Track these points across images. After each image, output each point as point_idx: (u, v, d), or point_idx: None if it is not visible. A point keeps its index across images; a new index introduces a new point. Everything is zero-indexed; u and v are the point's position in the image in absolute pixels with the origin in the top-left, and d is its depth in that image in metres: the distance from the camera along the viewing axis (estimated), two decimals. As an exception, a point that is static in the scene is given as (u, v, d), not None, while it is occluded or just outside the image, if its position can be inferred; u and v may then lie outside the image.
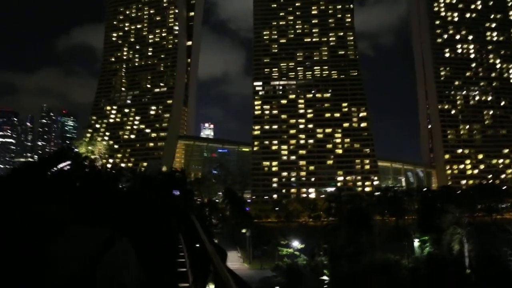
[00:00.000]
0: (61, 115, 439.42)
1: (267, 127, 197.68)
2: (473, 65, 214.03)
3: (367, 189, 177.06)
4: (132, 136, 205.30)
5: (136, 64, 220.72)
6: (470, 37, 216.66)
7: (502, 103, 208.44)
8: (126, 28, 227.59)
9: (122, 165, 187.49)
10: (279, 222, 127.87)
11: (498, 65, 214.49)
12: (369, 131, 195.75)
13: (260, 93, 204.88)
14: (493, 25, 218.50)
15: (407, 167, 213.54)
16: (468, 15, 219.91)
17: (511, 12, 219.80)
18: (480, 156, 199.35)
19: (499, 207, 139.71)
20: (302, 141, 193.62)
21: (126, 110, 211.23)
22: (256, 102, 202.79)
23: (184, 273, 7.56)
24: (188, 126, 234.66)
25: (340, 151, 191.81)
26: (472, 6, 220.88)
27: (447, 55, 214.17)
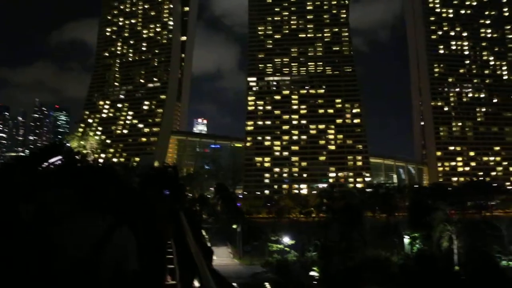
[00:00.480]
0: (54, 110, 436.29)
1: (260, 122, 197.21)
2: (467, 62, 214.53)
3: (359, 185, 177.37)
4: (125, 131, 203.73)
5: (130, 59, 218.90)
6: (464, 33, 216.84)
7: (495, 100, 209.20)
8: (121, 23, 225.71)
9: (114, 160, 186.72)
10: (270, 218, 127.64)
11: (492, 62, 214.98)
12: (362, 128, 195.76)
13: (254, 88, 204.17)
14: (488, 22, 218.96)
15: (399, 164, 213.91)
16: (463, 11, 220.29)
17: (505, 9, 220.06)
18: (471, 153, 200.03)
19: (489, 204, 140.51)
20: (295, 137, 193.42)
21: (119, 105, 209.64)
22: (250, 98, 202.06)
23: (172, 269, 7.30)
24: (181, 122, 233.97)
25: (333, 147, 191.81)
26: (467, 3, 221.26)
27: (441, 51, 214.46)
